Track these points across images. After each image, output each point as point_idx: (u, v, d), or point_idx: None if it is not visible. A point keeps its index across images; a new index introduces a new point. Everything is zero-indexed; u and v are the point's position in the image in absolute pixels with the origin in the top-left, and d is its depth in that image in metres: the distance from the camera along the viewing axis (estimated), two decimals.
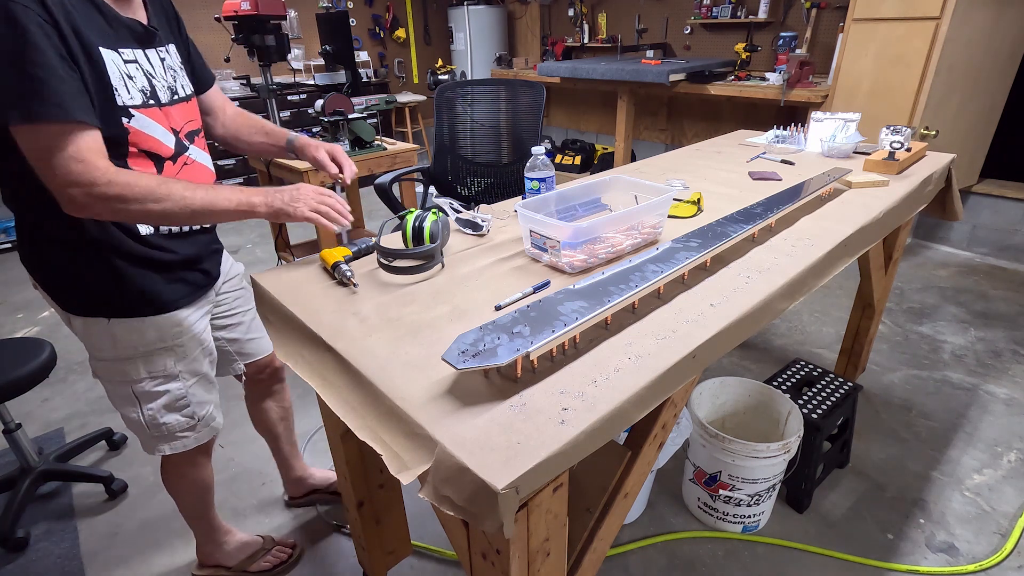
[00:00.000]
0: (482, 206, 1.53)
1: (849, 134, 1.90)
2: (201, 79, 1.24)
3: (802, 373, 1.84)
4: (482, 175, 2.41)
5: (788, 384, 1.79)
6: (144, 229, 1.05)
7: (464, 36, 5.90)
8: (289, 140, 1.35)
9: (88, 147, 0.87)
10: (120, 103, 0.95)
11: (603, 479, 0.97)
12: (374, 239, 1.22)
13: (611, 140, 5.26)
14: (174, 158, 1.06)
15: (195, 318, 1.18)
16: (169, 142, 1.05)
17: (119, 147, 0.96)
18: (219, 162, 4.35)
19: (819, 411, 1.65)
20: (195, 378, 1.20)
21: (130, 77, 0.97)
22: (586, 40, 5.35)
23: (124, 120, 0.96)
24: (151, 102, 1.01)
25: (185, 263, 1.13)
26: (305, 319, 0.98)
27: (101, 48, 0.92)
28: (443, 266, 1.15)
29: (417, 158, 2.67)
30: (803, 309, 2.83)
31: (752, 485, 1.54)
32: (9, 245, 3.95)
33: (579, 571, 0.96)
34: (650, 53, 4.24)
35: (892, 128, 1.80)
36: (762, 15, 4.04)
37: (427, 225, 1.13)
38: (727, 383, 1.75)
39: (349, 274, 1.08)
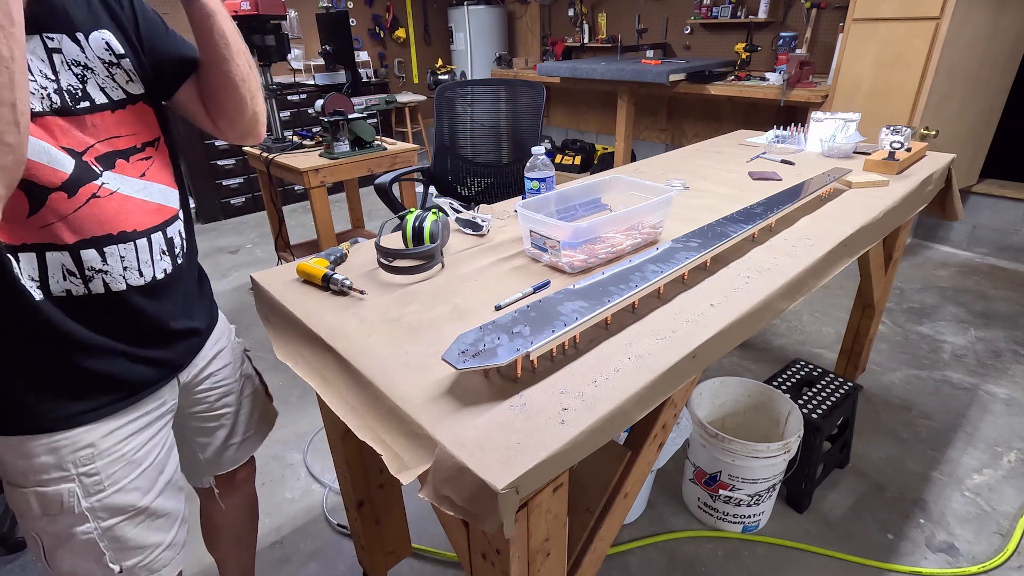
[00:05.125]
0: (482, 206, 1.53)
1: (849, 134, 1.90)
2: (176, 70, 0.89)
3: (802, 373, 1.84)
4: (482, 175, 2.41)
5: (788, 384, 1.79)
6: (39, 293, 0.75)
7: (464, 36, 5.90)
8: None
9: None
10: None
11: (603, 479, 0.97)
12: (344, 248, 1.19)
13: (611, 140, 5.26)
14: (70, 188, 0.75)
15: (126, 432, 0.86)
16: (62, 164, 0.74)
17: None
18: (218, 162, 4.34)
19: (819, 411, 1.65)
20: (120, 517, 0.87)
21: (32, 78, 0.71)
22: (586, 40, 5.35)
23: None
24: None
25: (111, 352, 0.83)
26: (305, 319, 0.98)
27: None
28: (443, 266, 1.15)
29: (417, 158, 2.68)
30: (803, 309, 2.83)
31: (752, 485, 1.54)
32: None
33: (579, 571, 0.96)
34: (650, 53, 4.24)
35: (892, 128, 1.80)
36: (762, 15, 4.04)
37: (427, 225, 1.13)
38: (727, 383, 1.75)
39: (348, 283, 1.04)
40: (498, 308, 0.98)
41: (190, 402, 1.01)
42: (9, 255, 0.72)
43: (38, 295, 0.75)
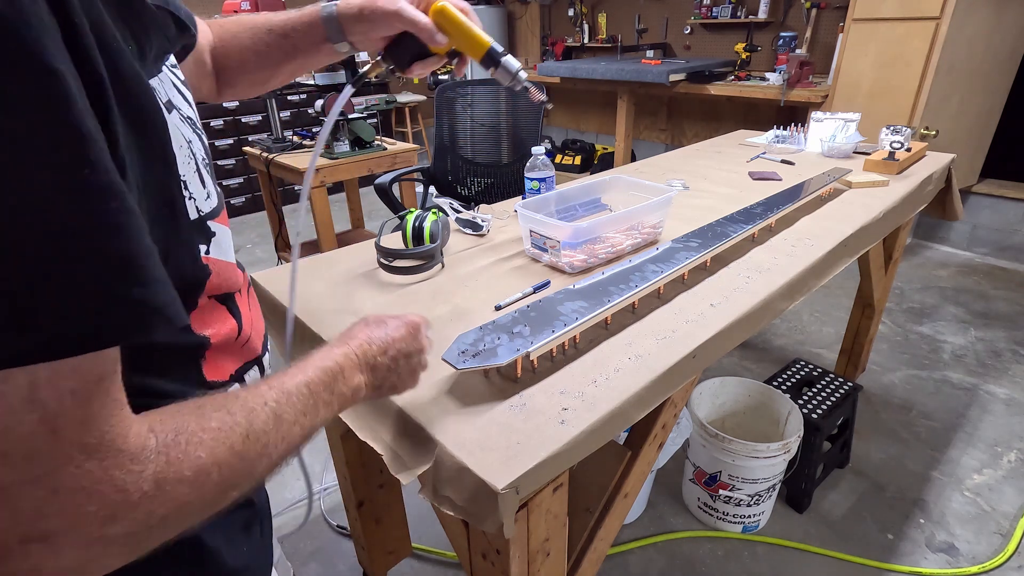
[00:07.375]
0: (482, 206, 1.53)
1: (849, 134, 1.90)
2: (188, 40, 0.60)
3: (802, 373, 1.84)
4: (482, 175, 2.41)
5: (788, 384, 1.79)
6: None
7: None
8: (326, 15, 0.70)
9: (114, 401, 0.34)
10: (195, 213, 0.48)
11: (603, 479, 0.97)
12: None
13: (611, 140, 5.26)
14: (242, 287, 0.59)
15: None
16: (232, 258, 0.57)
17: (188, 302, 0.48)
18: (218, 162, 4.33)
19: (819, 411, 1.65)
20: None
21: (188, 142, 0.48)
22: (586, 40, 5.35)
23: (202, 248, 0.49)
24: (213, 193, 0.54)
25: None
26: (305, 319, 0.98)
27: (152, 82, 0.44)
28: (443, 266, 1.15)
29: (417, 158, 2.68)
30: (803, 309, 2.83)
31: (752, 485, 1.54)
32: None
33: (579, 571, 0.96)
34: (650, 53, 4.24)
35: (892, 128, 1.80)
36: (762, 15, 4.03)
37: (427, 225, 1.13)
38: (727, 383, 1.75)
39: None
40: (498, 308, 0.98)
41: None
42: None
43: None
